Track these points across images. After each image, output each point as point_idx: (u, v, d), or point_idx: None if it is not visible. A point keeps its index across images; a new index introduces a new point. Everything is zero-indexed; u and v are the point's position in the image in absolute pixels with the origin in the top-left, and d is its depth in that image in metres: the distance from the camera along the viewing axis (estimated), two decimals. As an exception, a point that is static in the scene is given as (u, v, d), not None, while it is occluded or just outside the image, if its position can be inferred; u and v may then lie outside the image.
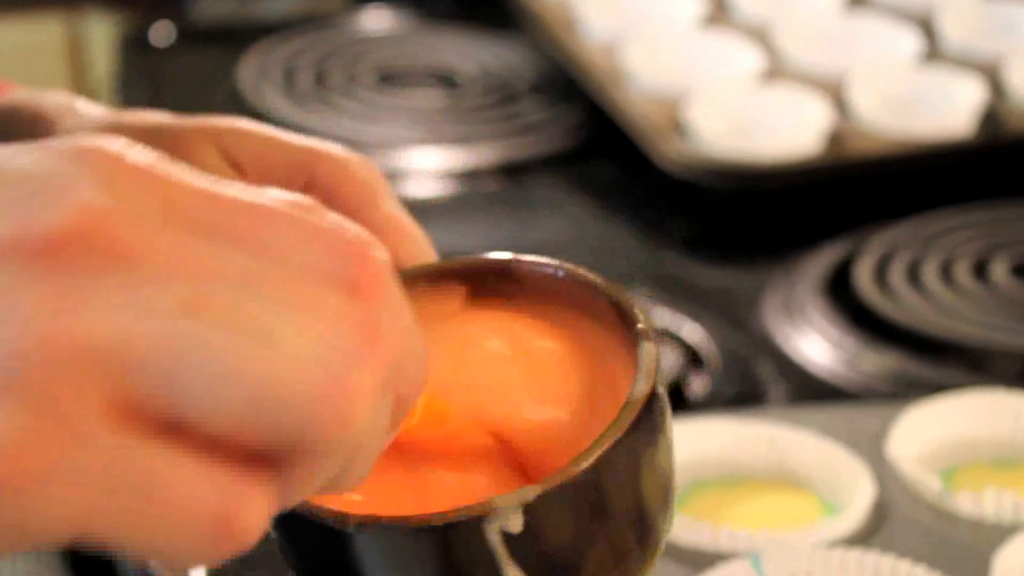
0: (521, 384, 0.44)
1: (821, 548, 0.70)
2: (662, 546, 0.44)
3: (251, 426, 0.32)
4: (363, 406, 0.33)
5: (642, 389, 0.41)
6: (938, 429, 0.80)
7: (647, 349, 0.41)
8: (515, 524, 0.39)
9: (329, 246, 0.34)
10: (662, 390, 0.42)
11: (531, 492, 0.39)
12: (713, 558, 0.71)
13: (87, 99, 0.57)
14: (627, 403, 0.40)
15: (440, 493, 0.42)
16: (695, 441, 0.79)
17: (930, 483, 0.75)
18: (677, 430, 0.79)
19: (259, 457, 0.33)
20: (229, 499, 0.32)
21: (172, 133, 0.52)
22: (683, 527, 0.73)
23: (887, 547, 0.70)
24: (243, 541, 0.32)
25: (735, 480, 0.79)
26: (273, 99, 1.20)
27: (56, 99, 0.57)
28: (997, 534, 0.73)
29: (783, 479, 0.78)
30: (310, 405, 0.32)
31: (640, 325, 0.42)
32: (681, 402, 0.88)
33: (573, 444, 0.42)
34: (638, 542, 0.43)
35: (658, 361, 0.41)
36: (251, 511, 0.32)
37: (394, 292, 0.35)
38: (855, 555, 0.70)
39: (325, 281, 0.34)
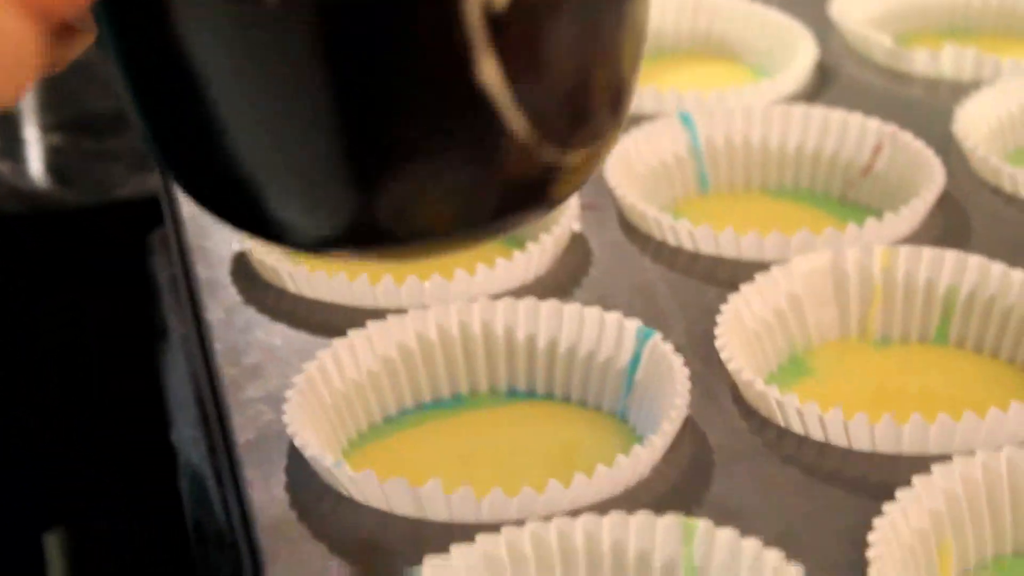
0: None
1: (759, 105, 0.61)
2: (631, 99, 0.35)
3: None
4: None
5: None
6: (885, -7, 0.70)
7: None
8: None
9: None
10: None
11: None
12: (638, 120, 0.61)
13: None
14: None
15: None
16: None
17: (881, 41, 0.66)
18: None
19: None
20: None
21: None
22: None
23: (834, 107, 0.61)
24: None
25: (657, 52, 0.69)
26: None
27: None
28: (956, 91, 0.64)
29: (711, 48, 0.68)
30: None
31: None
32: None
33: None
34: (624, 74, 0.33)
35: None
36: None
37: None
38: (800, 109, 0.60)
39: None
